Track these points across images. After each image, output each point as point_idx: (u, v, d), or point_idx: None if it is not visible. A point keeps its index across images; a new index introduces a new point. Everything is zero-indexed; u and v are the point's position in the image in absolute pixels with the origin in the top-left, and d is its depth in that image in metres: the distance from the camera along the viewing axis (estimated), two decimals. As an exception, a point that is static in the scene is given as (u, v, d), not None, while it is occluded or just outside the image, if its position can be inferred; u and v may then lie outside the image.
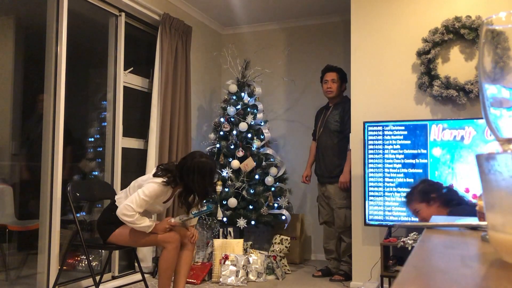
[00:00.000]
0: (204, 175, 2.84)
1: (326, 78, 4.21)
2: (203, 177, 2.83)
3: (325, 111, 4.26)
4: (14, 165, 3.44)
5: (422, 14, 3.83)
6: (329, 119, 4.16)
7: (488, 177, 0.44)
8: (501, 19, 0.47)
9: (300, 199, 5.18)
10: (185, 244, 2.93)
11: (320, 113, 4.34)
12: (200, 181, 2.82)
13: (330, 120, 4.15)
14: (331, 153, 4.12)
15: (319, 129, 4.22)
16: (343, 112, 4.07)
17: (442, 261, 0.50)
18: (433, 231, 0.70)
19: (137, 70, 4.31)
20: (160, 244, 2.80)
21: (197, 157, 2.88)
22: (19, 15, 3.51)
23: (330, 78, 4.19)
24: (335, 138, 4.12)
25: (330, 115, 4.17)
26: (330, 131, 4.13)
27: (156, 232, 2.79)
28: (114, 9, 4.02)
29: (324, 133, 4.17)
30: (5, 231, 3.26)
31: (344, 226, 4.02)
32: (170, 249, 2.78)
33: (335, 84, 4.17)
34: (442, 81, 3.66)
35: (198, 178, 2.82)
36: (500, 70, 0.47)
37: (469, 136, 3.42)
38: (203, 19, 5.22)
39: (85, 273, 3.63)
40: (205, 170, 2.84)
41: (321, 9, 5.03)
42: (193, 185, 2.83)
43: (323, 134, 4.18)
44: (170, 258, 2.79)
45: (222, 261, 3.96)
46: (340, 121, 4.09)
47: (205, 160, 2.89)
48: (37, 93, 3.46)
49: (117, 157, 3.97)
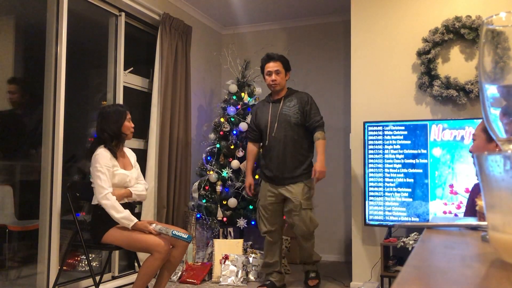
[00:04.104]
0: (107, 117, 3.00)
1: (269, 69, 3.63)
2: (107, 121, 2.99)
3: (273, 105, 3.67)
4: (14, 165, 3.44)
5: (422, 14, 3.83)
6: (284, 112, 3.60)
7: (488, 177, 0.44)
8: (501, 19, 0.47)
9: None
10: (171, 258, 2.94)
11: (266, 109, 3.72)
12: (110, 125, 2.98)
13: (287, 114, 3.59)
14: (293, 150, 3.57)
15: (271, 126, 3.62)
16: (301, 103, 3.60)
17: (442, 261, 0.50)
18: (433, 231, 0.70)
19: (137, 70, 4.31)
20: (150, 250, 2.79)
21: (100, 109, 3.17)
22: (19, 15, 3.51)
23: (273, 69, 3.61)
24: (297, 132, 3.58)
25: (284, 108, 3.61)
26: (290, 125, 3.57)
27: (136, 229, 2.83)
28: (114, 9, 4.02)
29: (281, 128, 3.58)
30: (5, 231, 3.26)
31: (308, 230, 3.59)
32: (157, 257, 2.76)
33: (280, 75, 3.62)
34: (442, 81, 3.66)
35: (104, 123, 2.99)
36: (500, 70, 0.47)
37: (469, 136, 3.42)
38: (203, 19, 5.22)
39: (85, 273, 3.63)
40: (105, 113, 3.03)
41: (321, 9, 5.03)
42: (108, 131, 2.98)
43: (279, 130, 3.58)
44: (154, 266, 2.78)
45: (222, 261, 3.96)
46: (301, 113, 3.58)
47: (104, 106, 3.21)
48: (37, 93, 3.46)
49: (117, 157, 3.96)
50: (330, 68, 5.19)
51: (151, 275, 2.83)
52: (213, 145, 4.58)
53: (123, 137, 3.05)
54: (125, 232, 2.84)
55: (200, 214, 4.41)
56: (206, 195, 4.45)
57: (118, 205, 2.83)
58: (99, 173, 2.84)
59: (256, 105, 3.94)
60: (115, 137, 3.00)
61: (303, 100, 3.62)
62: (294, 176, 3.56)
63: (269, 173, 3.64)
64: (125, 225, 2.83)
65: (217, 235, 4.33)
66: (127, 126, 3.04)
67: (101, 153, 2.90)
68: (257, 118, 3.77)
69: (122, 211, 2.82)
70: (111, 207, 2.80)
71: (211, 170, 4.45)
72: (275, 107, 3.66)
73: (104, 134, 2.98)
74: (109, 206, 2.80)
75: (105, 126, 2.99)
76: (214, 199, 4.40)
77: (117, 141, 3.02)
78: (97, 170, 2.85)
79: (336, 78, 5.14)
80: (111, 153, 2.94)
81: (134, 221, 2.83)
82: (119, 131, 3.00)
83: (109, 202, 2.80)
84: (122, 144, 3.09)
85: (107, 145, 2.95)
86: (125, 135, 3.05)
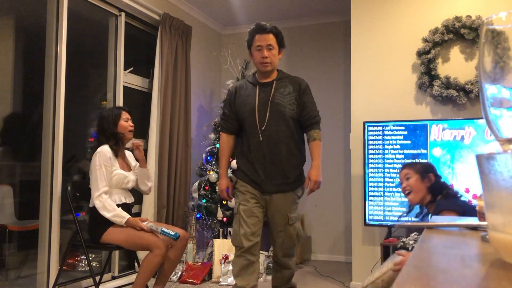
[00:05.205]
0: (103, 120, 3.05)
1: (260, 43, 2.79)
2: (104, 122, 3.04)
3: (261, 89, 2.83)
4: (14, 165, 3.44)
5: (422, 14, 3.83)
6: (277, 101, 2.78)
7: (488, 177, 0.44)
8: (501, 19, 0.47)
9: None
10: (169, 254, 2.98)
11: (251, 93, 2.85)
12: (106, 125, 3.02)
13: (281, 103, 2.78)
14: (286, 150, 2.78)
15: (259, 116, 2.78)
16: (298, 91, 2.82)
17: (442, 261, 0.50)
18: (433, 231, 0.70)
19: (137, 70, 4.31)
20: (150, 247, 2.81)
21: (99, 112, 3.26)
22: (19, 15, 3.51)
23: (265, 43, 2.78)
24: (292, 128, 2.79)
25: (277, 95, 2.79)
26: (284, 118, 2.76)
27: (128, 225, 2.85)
28: (114, 9, 4.02)
29: (273, 121, 2.76)
30: (5, 231, 3.26)
31: (293, 244, 2.87)
32: (157, 253, 2.80)
33: (272, 52, 2.79)
34: (442, 81, 3.66)
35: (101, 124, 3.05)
36: (500, 70, 0.47)
37: (469, 136, 3.42)
38: (203, 19, 5.22)
39: (85, 273, 3.63)
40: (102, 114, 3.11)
41: (321, 9, 5.03)
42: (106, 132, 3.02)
43: (270, 124, 2.76)
44: (154, 263, 2.81)
45: (222, 261, 3.96)
46: (298, 104, 2.81)
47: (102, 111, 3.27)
48: (37, 93, 3.46)
49: (117, 157, 3.96)
50: (330, 68, 5.18)
51: (152, 271, 2.85)
52: (213, 145, 4.58)
53: (121, 137, 3.07)
54: (124, 230, 2.86)
55: (200, 214, 4.41)
56: (206, 195, 4.45)
57: (109, 204, 2.85)
58: (96, 171, 2.88)
59: (234, 86, 2.97)
60: (112, 137, 3.02)
61: (300, 87, 2.84)
62: (285, 183, 2.79)
63: (252, 175, 2.80)
64: (118, 222, 2.85)
65: (217, 235, 4.33)
66: (123, 126, 3.06)
67: (101, 151, 2.94)
68: (237, 103, 2.87)
69: (112, 209, 2.85)
70: (102, 208, 2.84)
71: (211, 170, 4.45)
72: (264, 93, 2.81)
73: (102, 135, 3.03)
74: (100, 207, 2.84)
75: (103, 127, 3.04)
76: (214, 199, 4.40)
77: (116, 141, 3.04)
78: (95, 168, 2.89)
79: (336, 78, 5.14)
80: (113, 152, 2.97)
81: (126, 217, 2.86)
82: (115, 131, 3.03)
83: (100, 203, 2.84)
84: (122, 144, 3.11)
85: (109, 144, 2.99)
86: (122, 134, 3.06)
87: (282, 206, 2.78)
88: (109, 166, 2.91)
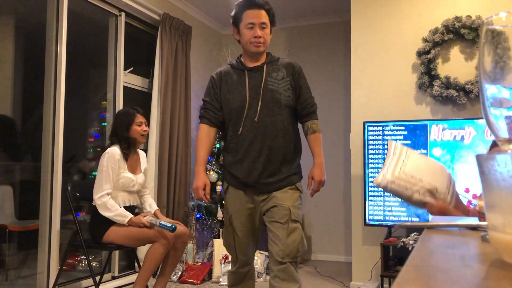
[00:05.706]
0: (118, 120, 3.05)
1: (251, 21, 2.43)
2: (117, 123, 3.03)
3: (250, 75, 2.45)
4: (14, 165, 3.44)
5: (422, 14, 3.83)
6: (271, 87, 2.40)
7: (488, 177, 0.44)
8: (501, 19, 0.47)
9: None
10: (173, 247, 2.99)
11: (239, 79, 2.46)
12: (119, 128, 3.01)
13: (275, 89, 2.40)
14: (283, 143, 2.40)
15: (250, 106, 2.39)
16: (292, 76, 2.45)
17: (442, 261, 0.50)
18: (433, 231, 0.70)
19: (137, 70, 4.31)
20: (153, 239, 2.83)
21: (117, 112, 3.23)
22: (19, 15, 3.51)
23: (258, 20, 2.42)
24: (287, 117, 2.42)
25: (269, 81, 2.42)
26: (279, 107, 2.39)
27: (132, 225, 2.85)
28: (114, 9, 4.02)
29: (267, 110, 2.38)
30: (5, 231, 3.26)
31: (296, 254, 2.31)
32: (162, 243, 2.82)
33: (266, 31, 2.44)
34: (442, 81, 3.66)
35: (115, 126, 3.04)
36: (500, 70, 0.47)
37: (469, 136, 3.42)
38: (203, 19, 5.22)
39: (85, 273, 3.63)
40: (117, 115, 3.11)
41: (321, 9, 5.03)
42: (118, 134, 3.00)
43: (264, 113, 2.38)
44: (158, 253, 2.83)
45: (222, 261, 3.96)
46: (293, 90, 2.44)
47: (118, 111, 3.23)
48: (37, 93, 3.46)
49: (117, 157, 3.96)
50: (330, 68, 5.18)
51: (157, 262, 2.86)
52: (213, 145, 4.58)
53: (132, 141, 3.02)
54: (125, 228, 2.86)
55: (200, 214, 4.41)
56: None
57: (111, 204, 2.85)
58: (102, 171, 2.87)
59: (218, 72, 2.58)
60: (124, 140, 2.98)
61: (294, 69, 2.47)
62: (282, 179, 2.40)
63: (242, 175, 2.40)
64: (121, 221, 2.85)
65: (217, 235, 4.33)
66: (135, 130, 3.01)
67: (110, 152, 2.92)
68: (222, 91, 2.49)
69: (114, 209, 2.84)
70: (103, 208, 2.83)
71: (211, 170, 4.44)
72: (254, 79, 2.43)
73: (115, 137, 3.01)
74: (101, 207, 2.84)
75: (116, 129, 3.01)
76: (214, 199, 4.40)
77: (127, 144, 2.99)
78: (101, 168, 2.88)
79: (336, 78, 5.14)
80: (122, 154, 2.94)
81: (128, 217, 2.86)
82: (127, 135, 2.99)
83: (101, 203, 2.83)
84: (134, 147, 3.06)
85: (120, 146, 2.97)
86: (134, 138, 3.02)
87: (283, 200, 2.37)
88: (116, 168, 2.89)
